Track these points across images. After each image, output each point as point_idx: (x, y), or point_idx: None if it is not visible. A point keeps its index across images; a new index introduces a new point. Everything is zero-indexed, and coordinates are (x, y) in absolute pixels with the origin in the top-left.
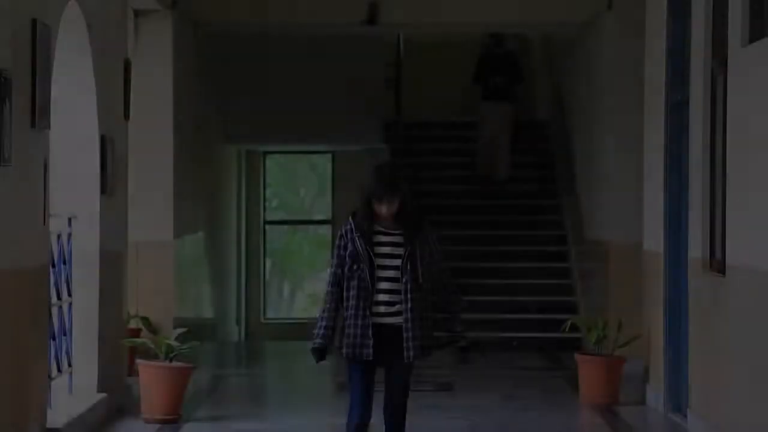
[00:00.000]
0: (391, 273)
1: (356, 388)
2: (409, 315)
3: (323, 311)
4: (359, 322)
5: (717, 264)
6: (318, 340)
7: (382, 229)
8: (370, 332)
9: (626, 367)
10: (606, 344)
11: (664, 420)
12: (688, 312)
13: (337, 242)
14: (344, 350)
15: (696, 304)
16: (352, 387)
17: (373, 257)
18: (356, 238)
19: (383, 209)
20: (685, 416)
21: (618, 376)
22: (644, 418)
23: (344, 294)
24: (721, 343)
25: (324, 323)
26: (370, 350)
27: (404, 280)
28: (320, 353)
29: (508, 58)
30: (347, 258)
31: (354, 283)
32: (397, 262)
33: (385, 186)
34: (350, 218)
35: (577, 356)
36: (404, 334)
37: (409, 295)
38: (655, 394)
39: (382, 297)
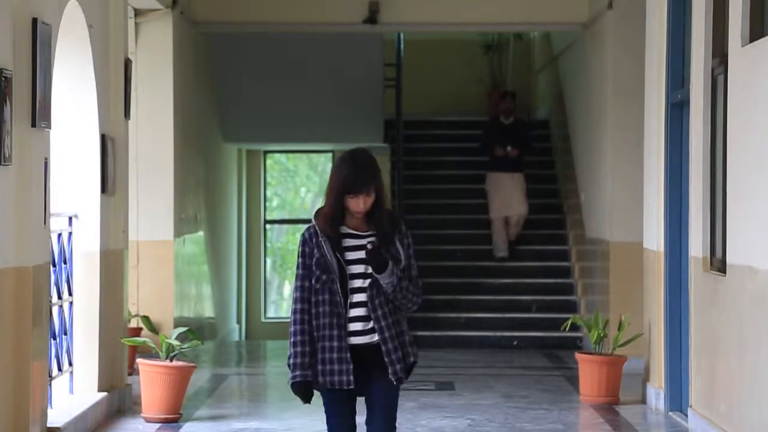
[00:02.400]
0: (361, 282)
1: (336, 423)
2: (383, 323)
3: (295, 335)
4: (335, 344)
5: (717, 263)
6: (298, 373)
7: (351, 231)
8: (349, 355)
9: (626, 365)
10: (606, 343)
11: (664, 418)
12: (688, 311)
13: (300, 249)
14: (320, 379)
15: (696, 303)
16: (331, 423)
17: (344, 265)
18: (322, 243)
19: (360, 205)
20: (686, 415)
21: (618, 375)
22: (644, 416)
23: (313, 310)
24: (721, 342)
25: (300, 349)
26: (351, 377)
27: (373, 290)
28: (305, 389)
29: (517, 128)
30: (314, 267)
31: (324, 297)
32: (368, 269)
33: (362, 177)
34: (313, 219)
35: (578, 355)
36: (383, 347)
37: (377, 302)
38: (656, 392)
39: (356, 312)
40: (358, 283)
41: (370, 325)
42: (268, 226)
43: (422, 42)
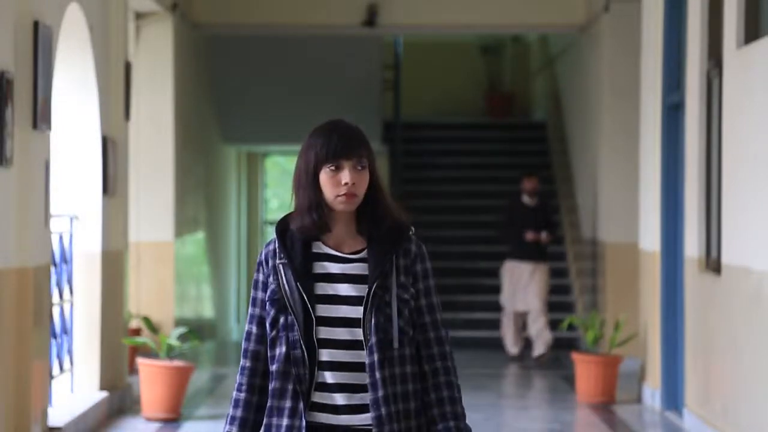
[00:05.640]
0: (345, 332)
1: None
2: (382, 410)
3: (234, 403)
4: (284, 421)
5: (712, 263)
6: None
7: (329, 251)
8: None
9: (623, 365)
10: (603, 343)
11: (660, 418)
12: (683, 311)
13: (254, 277)
14: None
15: (692, 303)
16: None
17: (310, 304)
18: (280, 268)
19: (347, 178)
20: (681, 414)
21: (614, 375)
22: (640, 416)
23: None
24: (717, 342)
25: (227, 429)
26: None
27: (369, 343)
28: None
29: (542, 210)
30: (268, 305)
31: (281, 350)
32: (357, 311)
33: (346, 139)
34: (275, 231)
35: (574, 355)
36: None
37: (378, 374)
38: (651, 392)
39: (332, 377)
40: (330, 332)
41: (356, 399)
42: (267, 226)
43: (420, 44)
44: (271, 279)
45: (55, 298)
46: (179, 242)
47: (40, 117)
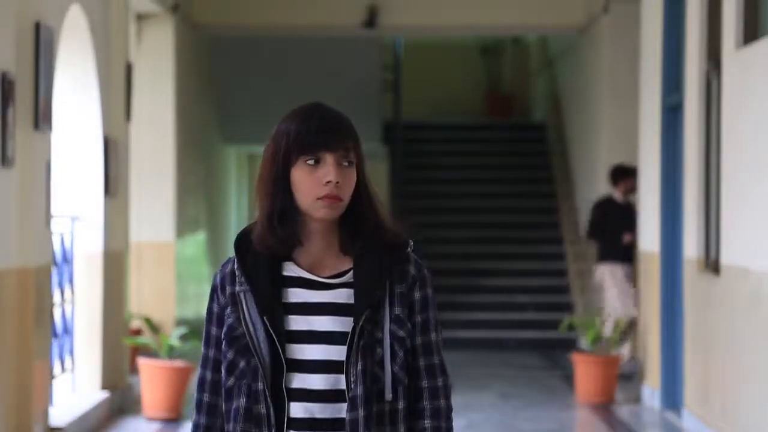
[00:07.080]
0: (323, 380)
1: None
2: None
3: None
4: None
5: (712, 264)
6: None
7: (305, 273)
8: None
9: (622, 366)
10: (602, 343)
11: (659, 418)
12: (683, 311)
13: (208, 307)
14: None
15: (691, 304)
16: None
17: (279, 344)
18: (241, 296)
19: (330, 175)
20: (680, 414)
21: (614, 375)
22: (640, 416)
23: (227, 428)
24: (716, 342)
25: None
26: None
27: (352, 394)
28: None
29: (631, 209)
30: (225, 344)
31: (238, 404)
32: (340, 352)
33: (330, 127)
34: (234, 248)
35: (575, 355)
36: None
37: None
38: (651, 392)
39: None
40: (312, 379)
41: None
42: None
43: (420, 45)
44: (228, 310)
45: (56, 299)
46: (180, 242)
47: (42, 117)
